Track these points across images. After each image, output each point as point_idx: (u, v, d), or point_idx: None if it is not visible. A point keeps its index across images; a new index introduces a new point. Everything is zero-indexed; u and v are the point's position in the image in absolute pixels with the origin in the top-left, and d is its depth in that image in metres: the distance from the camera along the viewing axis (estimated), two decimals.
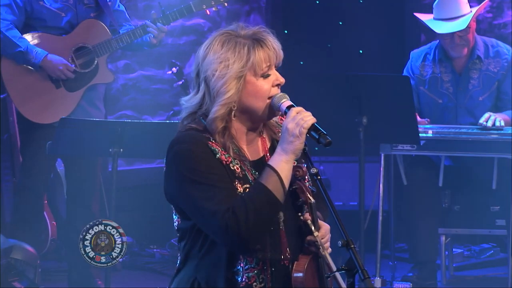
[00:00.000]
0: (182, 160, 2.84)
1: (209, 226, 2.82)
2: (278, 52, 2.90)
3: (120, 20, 5.49)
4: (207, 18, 7.49)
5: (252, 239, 2.80)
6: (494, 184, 5.49)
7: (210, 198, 2.78)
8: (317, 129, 2.83)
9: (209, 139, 2.87)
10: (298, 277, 2.88)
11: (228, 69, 2.84)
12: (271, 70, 2.90)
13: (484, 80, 5.78)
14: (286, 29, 7.51)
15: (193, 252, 2.92)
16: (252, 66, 2.85)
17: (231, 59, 2.85)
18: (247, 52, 2.85)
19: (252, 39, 2.88)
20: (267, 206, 2.79)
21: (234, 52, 2.86)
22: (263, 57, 2.86)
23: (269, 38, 2.90)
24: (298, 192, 2.89)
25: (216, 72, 2.85)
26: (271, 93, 2.89)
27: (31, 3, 5.29)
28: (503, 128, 5.50)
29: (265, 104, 2.89)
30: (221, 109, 2.85)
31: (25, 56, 5.24)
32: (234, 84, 2.85)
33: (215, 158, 2.85)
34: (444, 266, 5.96)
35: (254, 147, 2.97)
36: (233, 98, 2.85)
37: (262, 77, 2.88)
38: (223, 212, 2.76)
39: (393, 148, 5.53)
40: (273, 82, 2.90)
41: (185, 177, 2.82)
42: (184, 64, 7.24)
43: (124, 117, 7.16)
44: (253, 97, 2.88)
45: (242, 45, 2.86)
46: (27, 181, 5.41)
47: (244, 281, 2.87)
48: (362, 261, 2.72)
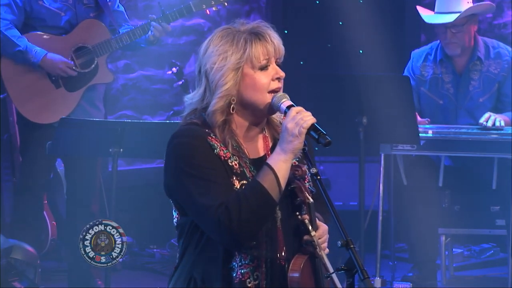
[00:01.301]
0: (180, 154, 2.87)
1: (203, 220, 2.85)
2: (278, 47, 2.91)
3: (120, 20, 5.49)
4: (207, 18, 7.49)
5: (245, 235, 2.81)
6: (494, 184, 5.49)
7: (204, 193, 2.80)
8: (317, 129, 2.84)
9: (209, 134, 2.89)
10: (293, 277, 2.88)
11: (226, 61, 2.87)
12: (270, 63, 2.91)
13: (484, 82, 5.77)
14: (286, 29, 7.51)
15: (190, 249, 2.94)
16: (249, 58, 2.87)
17: (229, 51, 2.88)
18: (244, 44, 2.88)
19: (251, 32, 2.91)
20: (261, 204, 2.80)
21: (232, 45, 2.89)
22: (261, 50, 2.88)
23: (268, 32, 2.92)
24: (296, 191, 2.89)
25: (214, 65, 2.88)
26: (271, 86, 2.90)
27: (30, 3, 5.29)
28: (503, 128, 5.49)
29: (264, 97, 2.90)
30: (219, 102, 2.88)
31: (25, 55, 5.24)
32: (232, 76, 2.87)
33: (213, 153, 2.87)
34: (444, 266, 5.96)
35: (255, 145, 2.98)
36: (231, 91, 2.88)
37: (260, 70, 2.89)
38: (216, 207, 2.78)
39: (393, 148, 5.53)
40: (273, 75, 2.91)
41: (182, 170, 2.84)
42: (184, 64, 7.24)
43: (124, 117, 7.16)
44: (251, 90, 2.89)
45: (240, 38, 2.89)
46: (27, 181, 5.41)
47: (238, 277, 2.88)
48: (362, 261, 2.71)
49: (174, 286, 2.97)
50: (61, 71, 5.27)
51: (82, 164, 5.39)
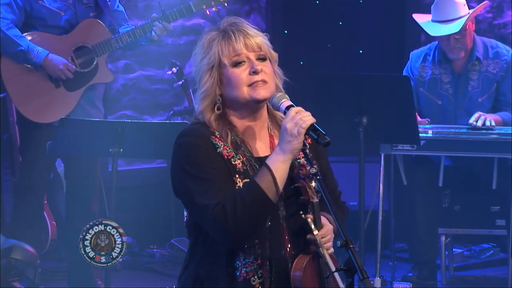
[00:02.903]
0: (183, 153, 2.91)
1: (202, 219, 2.89)
2: (249, 42, 2.93)
3: (119, 20, 5.49)
4: (207, 18, 7.48)
5: (241, 234, 2.83)
6: (494, 184, 5.49)
7: (204, 192, 2.84)
8: (316, 129, 2.84)
9: (213, 133, 2.93)
10: (296, 276, 2.89)
11: (201, 64, 2.95)
12: (244, 59, 2.92)
13: (483, 82, 5.77)
14: (286, 29, 7.51)
15: (197, 248, 2.98)
16: (217, 58, 2.92)
17: (201, 54, 2.97)
18: (210, 45, 2.94)
19: (219, 32, 2.96)
20: (257, 204, 2.81)
21: (203, 48, 2.97)
22: (227, 48, 2.92)
23: (237, 29, 2.94)
24: (301, 190, 2.90)
25: (195, 68, 2.99)
26: (249, 80, 2.92)
27: (30, 2, 5.29)
28: (494, 128, 5.49)
29: (245, 91, 2.92)
30: (202, 102, 2.96)
31: (26, 55, 5.24)
32: (207, 78, 2.94)
33: (215, 152, 2.90)
34: (444, 266, 5.96)
35: (260, 143, 2.99)
36: (209, 91, 2.94)
37: (234, 67, 2.93)
38: (213, 206, 2.81)
39: (393, 148, 5.53)
40: (249, 70, 2.92)
41: (184, 170, 2.88)
42: (184, 64, 7.23)
43: (124, 117, 7.16)
44: (229, 87, 2.94)
45: (209, 40, 2.95)
46: (27, 181, 5.41)
47: (242, 276, 2.90)
48: (362, 261, 2.72)
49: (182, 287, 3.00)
50: (61, 73, 5.27)
51: (82, 164, 5.39)
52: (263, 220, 2.87)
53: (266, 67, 2.94)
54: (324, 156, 3.11)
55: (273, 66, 2.99)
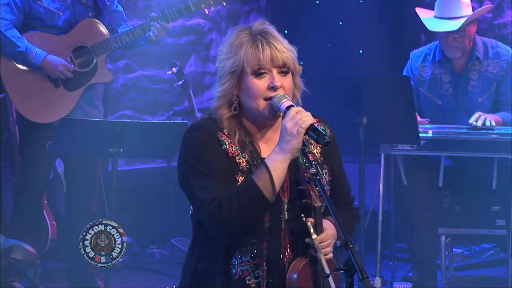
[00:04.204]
0: (188, 147, 2.94)
1: (199, 213, 2.91)
2: (275, 56, 2.91)
3: (118, 20, 5.48)
4: (207, 18, 7.49)
5: (235, 231, 2.85)
6: (494, 184, 5.49)
7: (203, 186, 2.86)
8: (316, 129, 2.85)
9: (221, 130, 2.95)
10: (291, 278, 2.90)
11: (224, 63, 2.93)
12: (267, 71, 2.91)
13: (483, 82, 5.77)
14: (286, 29, 7.50)
15: (198, 242, 3.01)
16: (242, 63, 2.90)
17: (228, 53, 2.93)
18: (239, 48, 2.90)
19: (250, 36, 2.92)
20: (252, 201, 2.83)
21: (230, 48, 2.93)
22: (252, 56, 2.89)
23: (266, 40, 2.91)
24: (305, 193, 2.91)
25: (219, 65, 2.96)
26: (266, 94, 2.91)
27: (29, 3, 5.29)
28: (494, 128, 5.49)
29: (260, 104, 2.92)
30: (218, 100, 2.95)
31: (25, 56, 5.24)
32: (228, 79, 2.93)
33: (220, 149, 2.92)
34: (444, 266, 5.96)
35: (273, 146, 2.96)
36: (227, 92, 2.93)
37: (255, 76, 2.91)
38: (210, 201, 2.83)
39: (393, 148, 5.53)
40: (269, 83, 2.91)
41: (188, 163, 2.91)
42: (184, 64, 7.24)
43: (124, 117, 7.16)
44: (246, 95, 2.93)
45: (240, 41, 2.91)
46: (27, 181, 5.41)
47: (237, 274, 2.91)
48: (361, 261, 2.72)
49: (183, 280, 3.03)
50: (60, 73, 5.27)
51: (82, 164, 5.39)
52: (258, 218, 2.88)
53: (287, 82, 2.94)
54: (336, 160, 3.10)
55: (295, 79, 2.99)
